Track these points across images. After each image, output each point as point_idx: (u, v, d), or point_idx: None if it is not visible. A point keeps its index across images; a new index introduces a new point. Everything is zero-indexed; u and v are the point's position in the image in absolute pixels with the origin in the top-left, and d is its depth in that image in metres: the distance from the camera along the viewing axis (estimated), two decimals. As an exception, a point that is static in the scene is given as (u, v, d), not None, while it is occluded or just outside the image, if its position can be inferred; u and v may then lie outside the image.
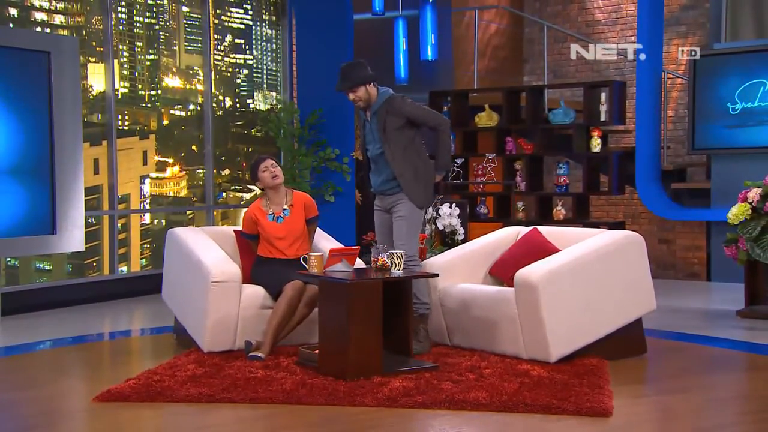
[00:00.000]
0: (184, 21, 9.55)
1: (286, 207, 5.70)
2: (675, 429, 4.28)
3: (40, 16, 8.20)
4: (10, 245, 7.25)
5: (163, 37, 9.29)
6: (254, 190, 10.14)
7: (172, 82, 9.44)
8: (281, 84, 10.48)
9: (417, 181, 5.51)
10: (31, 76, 7.33)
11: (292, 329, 5.45)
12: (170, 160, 9.37)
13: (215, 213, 9.64)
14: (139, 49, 9.07)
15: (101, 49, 8.53)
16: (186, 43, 9.53)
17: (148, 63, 9.18)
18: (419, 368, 4.96)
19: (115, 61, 8.63)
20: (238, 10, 10.06)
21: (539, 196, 9.81)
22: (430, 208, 7.09)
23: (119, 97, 8.74)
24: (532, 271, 5.19)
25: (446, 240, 7.55)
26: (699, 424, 4.29)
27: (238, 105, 10.15)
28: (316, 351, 5.05)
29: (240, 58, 10.11)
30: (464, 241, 7.43)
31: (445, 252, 6.15)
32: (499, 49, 12.05)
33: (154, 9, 9.22)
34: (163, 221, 9.38)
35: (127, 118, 8.93)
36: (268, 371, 4.96)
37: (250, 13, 10.19)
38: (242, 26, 10.11)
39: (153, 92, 9.22)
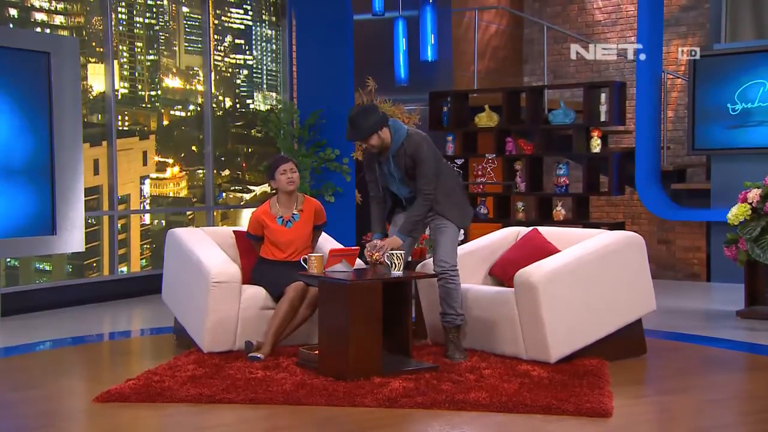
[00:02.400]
0: (184, 21, 9.56)
1: (296, 212, 5.68)
2: (675, 429, 4.29)
3: (40, 16, 8.21)
4: (10, 246, 7.25)
5: (163, 37, 9.30)
6: (254, 191, 10.15)
7: (172, 82, 9.45)
8: (281, 84, 10.48)
9: (451, 203, 5.40)
10: (31, 77, 7.34)
11: (293, 330, 5.45)
12: (170, 161, 9.38)
13: (215, 213, 9.64)
14: (139, 50, 9.07)
15: (101, 49, 8.53)
16: (186, 44, 9.54)
17: (148, 63, 9.18)
18: (419, 369, 4.96)
19: (115, 61, 8.63)
20: (237, 10, 10.06)
21: (539, 196, 9.81)
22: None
23: (119, 97, 8.74)
24: (532, 272, 5.19)
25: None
26: (699, 425, 4.29)
27: (237, 105, 10.15)
28: (316, 351, 5.05)
29: (240, 59, 10.11)
30: (464, 241, 7.43)
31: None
32: (498, 50, 12.05)
33: (154, 9, 9.22)
34: (163, 222, 9.38)
35: (127, 118, 8.93)
36: (268, 372, 4.96)
37: (250, 13, 10.19)
38: (242, 27, 10.12)
39: (153, 93, 9.22)
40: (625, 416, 4.25)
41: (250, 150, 10.29)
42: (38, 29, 8.12)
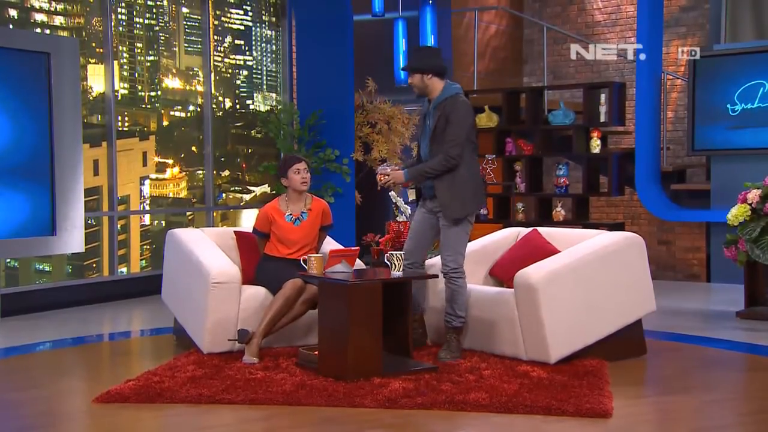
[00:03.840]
0: (184, 22, 9.56)
1: (304, 210, 5.69)
2: (675, 430, 4.29)
3: (40, 17, 8.20)
4: (10, 246, 7.24)
5: (162, 38, 9.30)
6: (254, 192, 10.15)
7: (172, 83, 9.44)
8: (281, 85, 10.48)
9: (452, 190, 5.22)
10: (31, 78, 7.33)
11: (285, 325, 5.43)
12: (170, 161, 9.37)
13: (215, 214, 9.64)
14: (138, 51, 9.07)
15: (101, 50, 8.53)
16: (186, 44, 9.54)
17: (148, 64, 9.18)
18: (419, 369, 4.96)
19: (115, 62, 8.63)
20: (237, 11, 10.06)
21: (539, 197, 9.81)
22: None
23: (119, 98, 8.74)
24: (531, 272, 5.19)
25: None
26: (698, 425, 4.29)
27: (237, 106, 10.15)
28: (316, 352, 5.05)
29: (240, 59, 10.11)
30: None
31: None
32: (498, 50, 12.06)
33: (154, 10, 9.22)
34: (163, 222, 9.38)
35: (126, 119, 8.93)
36: (268, 372, 4.96)
37: (250, 14, 10.19)
38: (242, 27, 10.12)
39: (153, 93, 9.22)
40: (625, 417, 4.25)
41: (249, 151, 10.29)
42: (38, 30, 8.12)
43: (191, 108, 9.58)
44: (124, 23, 8.91)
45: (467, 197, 5.27)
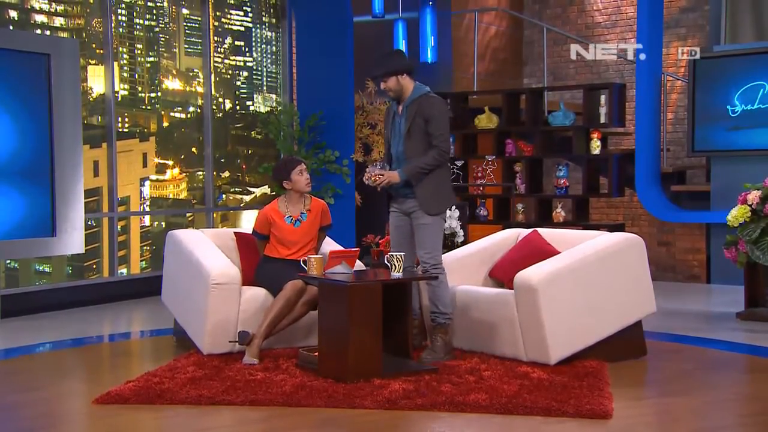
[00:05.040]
0: (184, 23, 9.56)
1: (304, 211, 5.70)
2: (675, 431, 4.28)
3: (40, 18, 8.21)
4: (10, 248, 7.24)
5: (163, 39, 9.30)
6: (254, 193, 10.15)
7: (172, 84, 9.45)
8: (281, 86, 10.48)
9: (432, 186, 5.33)
10: (31, 79, 7.34)
11: (285, 327, 5.43)
12: (170, 163, 9.38)
13: (215, 215, 9.64)
14: (139, 52, 9.08)
15: (101, 51, 8.53)
16: (186, 46, 9.54)
17: (148, 65, 9.18)
18: (419, 370, 4.96)
19: (115, 63, 8.63)
20: (238, 12, 10.06)
21: (539, 198, 9.81)
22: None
23: (119, 99, 8.74)
24: (532, 274, 5.19)
25: (446, 242, 7.56)
26: (699, 426, 4.29)
27: (237, 107, 10.16)
28: (316, 353, 5.05)
29: (240, 61, 10.11)
30: (464, 243, 7.43)
31: (444, 254, 6.14)
32: (498, 52, 12.06)
33: (154, 11, 9.22)
34: (163, 223, 9.38)
35: (126, 120, 8.93)
36: (268, 373, 4.96)
37: (250, 15, 10.19)
38: (242, 29, 10.12)
39: (153, 94, 9.22)
40: (625, 418, 4.25)
41: (249, 152, 10.29)
42: (38, 31, 8.13)
43: (191, 109, 9.58)
44: (125, 24, 8.91)
45: (444, 194, 5.43)
